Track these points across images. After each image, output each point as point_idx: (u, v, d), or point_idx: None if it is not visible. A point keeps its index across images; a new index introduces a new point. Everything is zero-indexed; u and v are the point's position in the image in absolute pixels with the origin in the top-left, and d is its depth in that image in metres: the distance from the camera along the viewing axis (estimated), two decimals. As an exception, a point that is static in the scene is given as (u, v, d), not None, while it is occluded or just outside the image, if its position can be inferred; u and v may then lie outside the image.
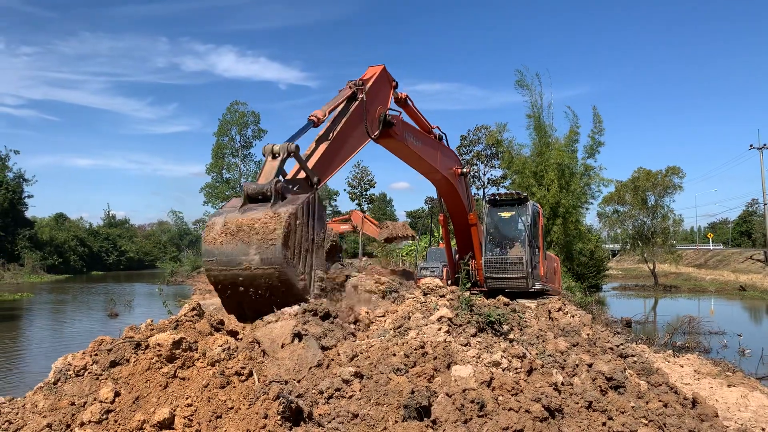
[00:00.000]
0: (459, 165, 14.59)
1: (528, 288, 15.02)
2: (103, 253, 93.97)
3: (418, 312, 8.51)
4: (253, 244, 6.82)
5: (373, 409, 5.18)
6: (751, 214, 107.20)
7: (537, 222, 16.01)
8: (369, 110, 10.27)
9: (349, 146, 9.87)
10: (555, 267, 17.97)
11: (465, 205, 15.06)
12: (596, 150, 34.08)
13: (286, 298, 7.03)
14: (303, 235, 7.11)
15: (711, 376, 11.91)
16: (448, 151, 14.25)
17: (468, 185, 15.30)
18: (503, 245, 15.89)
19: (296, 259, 6.97)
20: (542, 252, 16.10)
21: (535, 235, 15.79)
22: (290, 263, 6.80)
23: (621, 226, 56.27)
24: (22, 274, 64.06)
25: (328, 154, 9.07)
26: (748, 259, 64.12)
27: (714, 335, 21.13)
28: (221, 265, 6.96)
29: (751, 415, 9.21)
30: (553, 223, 32.11)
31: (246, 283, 6.94)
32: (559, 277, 19.14)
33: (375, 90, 10.67)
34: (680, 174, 51.64)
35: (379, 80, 10.93)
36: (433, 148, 13.27)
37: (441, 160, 13.57)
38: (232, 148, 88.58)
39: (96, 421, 4.96)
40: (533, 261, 15.38)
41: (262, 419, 4.87)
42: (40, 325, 26.95)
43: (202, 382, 5.41)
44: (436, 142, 13.50)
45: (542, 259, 15.98)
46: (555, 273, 18.28)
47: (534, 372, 6.46)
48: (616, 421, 5.91)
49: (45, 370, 6.27)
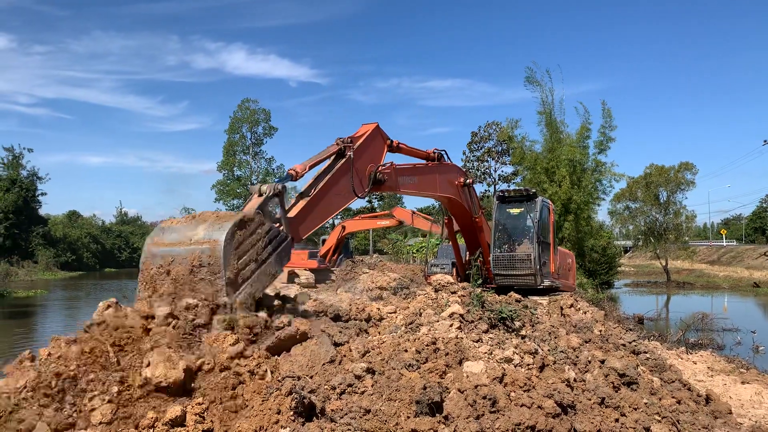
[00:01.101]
0: (461, 176, 14.73)
1: (536, 285, 14.96)
2: (115, 250, 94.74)
3: (429, 308, 8.54)
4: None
5: (385, 405, 5.19)
6: (765, 210, 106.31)
7: (547, 218, 15.94)
8: (358, 168, 9.96)
9: (332, 204, 9.56)
10: (569, 263, 17.82)
11: (469, 212, 15.16)
12: (607, 146, 33.89)
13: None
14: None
15: (724, 373, 11.84)
16: (448, 167, 14.39)
17: (473, 192, 15.32)
18: (512, 242, 15.85)
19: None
20: (553, 248, 16.03)
21: (545, 232, 15.73)
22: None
23: (633, 222, 55.94)
24: (36, 271, 64.72)
25: (305, 212, 8.77)
26: (762, 256, 63.59)
27: (727, 332, 20.98)
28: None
29: (765, 413, 9.14)
30: (565, 219, 31.95)
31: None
32: (573, 273, 18.99)
33: (365, 147, 10.45)
34: (693, 170, 51.32)
35: (370, 137, 10.69)
36: (430, 175, 13.46)
37: (440, 183, 13.79)
38: (243, 145, 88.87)
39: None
40: (542, 257, 15.33)
41: (275, 414, 4.90)
42: (54, 322, 27.21)
43: (215, 380, 5.46)
44: (433, 167, 13.62)
45: (553, 255, 15.90)
46: (569, 269, 18.15)
47: (546, 368, 6.46)
48: (628, 417, 5.90)
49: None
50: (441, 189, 13.81)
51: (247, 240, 6.76)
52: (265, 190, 7.82)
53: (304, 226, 8.75)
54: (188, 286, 6.39)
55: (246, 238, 6.76)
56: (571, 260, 18.85)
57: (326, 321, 7.71)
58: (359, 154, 10.15)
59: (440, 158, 13.93)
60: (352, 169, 9.78)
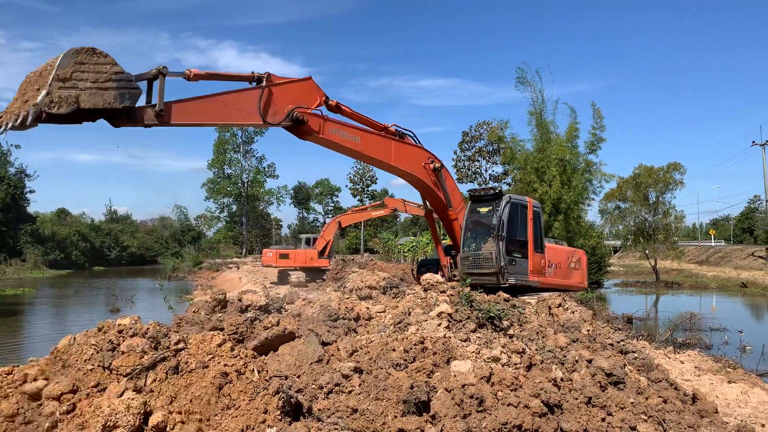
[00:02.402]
0: (430, 161, 14.72)
1: (499, 284, 14.89)
2: (104, 249, 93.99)
3: (418, 308, 8.53)
4: None
5: (373, 404, 5.19)
6: (753, 211, 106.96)
7: (520, 216, 15.90)
8: (275, 102, 10.66)
9: (229, 112, 9.96)
10: (559, 262, 17.46)
11: (444, 202, 15.25)
12: (597, 146, 33.97)
13: None
14: None
15: (711, 373, 11.91)
16: (411, 148, 14.47)
17: (448, 182, 15.40)
18: (479, 240, 15.90)
19: None
20: (533, 246, 15.86)
21: (517, 230, 15.73)
22: None
23: (623, 222, 56.16)
24: (24, 269, 64.14)
25: (191, 100, 9.11)
26: (749, 256, 64.02)
27: (715, 332, 21.10)
28: None
29: (751, 412, 9.20)
30: (555, 219, 32.01)
31: None
32: (581, 272, 18.44)
33: (289, 89, 11.25)
34: (681, 170, 51.49)
35: (297, 84, 11.58)
36: (382, 140, 13.63)
37: (397, 153, 13.83)
38: (233, 143, 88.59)
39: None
40: (512, 256, 15.34)
41: (262, 414, 4.88)
42: (42, 320, 27.01)
43: (201, 380, 5.43)
44: (387, 138, 13.81)
45: (532, 254, 15.79)
46: (572, 268, 17.70)
47: (533, 367, 6.47)
48: (615, 416, 5.92)
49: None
50: (399, 161, 13.90)
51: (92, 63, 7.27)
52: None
53: (180, 106, 8.89)
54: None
55: (92, 63, 7.28)
56: (575, 258, 18.26)
57: (314, 320, 7.71)
58: (280, 92, 10.85)
59: (401, 136, 14.21)
60: (263, 92, 10.33)
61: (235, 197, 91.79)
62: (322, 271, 36.18)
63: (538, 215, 16.35)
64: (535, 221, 16.00)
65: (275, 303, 11.89)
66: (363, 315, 9.06)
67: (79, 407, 5.28)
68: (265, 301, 11.55)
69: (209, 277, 51.97)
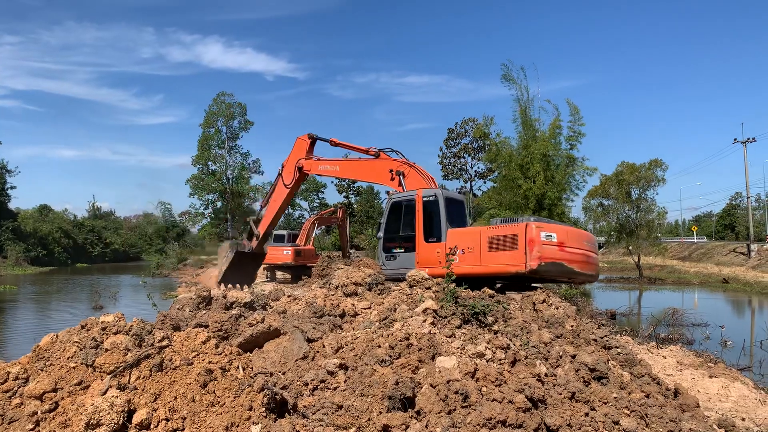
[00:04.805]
0: (394, 167, 17.11)
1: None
2: (87, 245, 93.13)
3: (404, 304, 8.54)
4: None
5: (358, 401, 5.19)
6: (734, 208, 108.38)
7: (405, 212, 16.46)
8: (288, 171, 18.26)
9: (275, 204, 20.08)
10: (470, 246, 14.00)
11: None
12: (577, 140, 34.26)
13: None
14: None
15: (693, 367, 12.04)
16: (382, 160, 17.88)
17: (404, 185, 17.22)
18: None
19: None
20: (420, 239, 15.95)
21: (400, 225, 16.77)
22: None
23: (606, 218, 56.56)
24: (5, 266, 63.39)
25: (267, 215, 19.81)
26: (731, 252, 64.84)
27: (697, 327, 21.33)
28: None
29: (731, 406, 9.33)
30: (539, 215, 32.24)
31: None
32: (477, 255, 14.65)
33: (291, 156, 19.49)
34: (663, 166, 51.86)
35: (294, 148, 19.63)
36: (356, 164, 19.04)
37: (367, 171, 18.43)
38: (218, 139, 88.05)
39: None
40: (386, 253, 17.18)
41: (247, 411, 4.87)
42: (24, 318, 26.71)
43: (186, 378, 5.40)
44: (363, 159, 18.60)
45: (420, 245, 15.99)
46: (470, 251, 14.80)
47: (517, 363, 6.51)
48: (598, 411, 5.97)
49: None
50: (368, 177, 18.97)
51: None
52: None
53: (261, 224, 15.73)
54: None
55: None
56: (499, 235, 14.30)
57: (300, 317, 7.70)
58: (289, 164, 18.84)
59: (376, 155, 17.98)
60: (279, 176, 19.02)
61: (220, 194, 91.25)
62: (307, 269, 36.12)
63: (430, 205, 15.88)
64: (426, 213, 15.96)
65: (260, 300, 11.84)
66: (348, 311, 9.06)
67: (62, 405, 5.23)
68: (250, 298, 11.51)
69: (194, 273, 51.67)
